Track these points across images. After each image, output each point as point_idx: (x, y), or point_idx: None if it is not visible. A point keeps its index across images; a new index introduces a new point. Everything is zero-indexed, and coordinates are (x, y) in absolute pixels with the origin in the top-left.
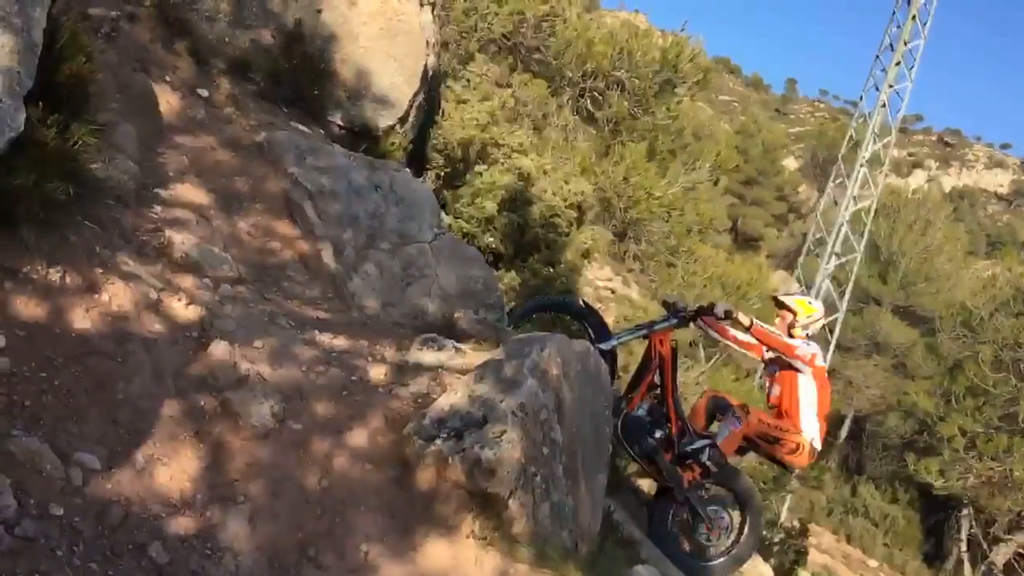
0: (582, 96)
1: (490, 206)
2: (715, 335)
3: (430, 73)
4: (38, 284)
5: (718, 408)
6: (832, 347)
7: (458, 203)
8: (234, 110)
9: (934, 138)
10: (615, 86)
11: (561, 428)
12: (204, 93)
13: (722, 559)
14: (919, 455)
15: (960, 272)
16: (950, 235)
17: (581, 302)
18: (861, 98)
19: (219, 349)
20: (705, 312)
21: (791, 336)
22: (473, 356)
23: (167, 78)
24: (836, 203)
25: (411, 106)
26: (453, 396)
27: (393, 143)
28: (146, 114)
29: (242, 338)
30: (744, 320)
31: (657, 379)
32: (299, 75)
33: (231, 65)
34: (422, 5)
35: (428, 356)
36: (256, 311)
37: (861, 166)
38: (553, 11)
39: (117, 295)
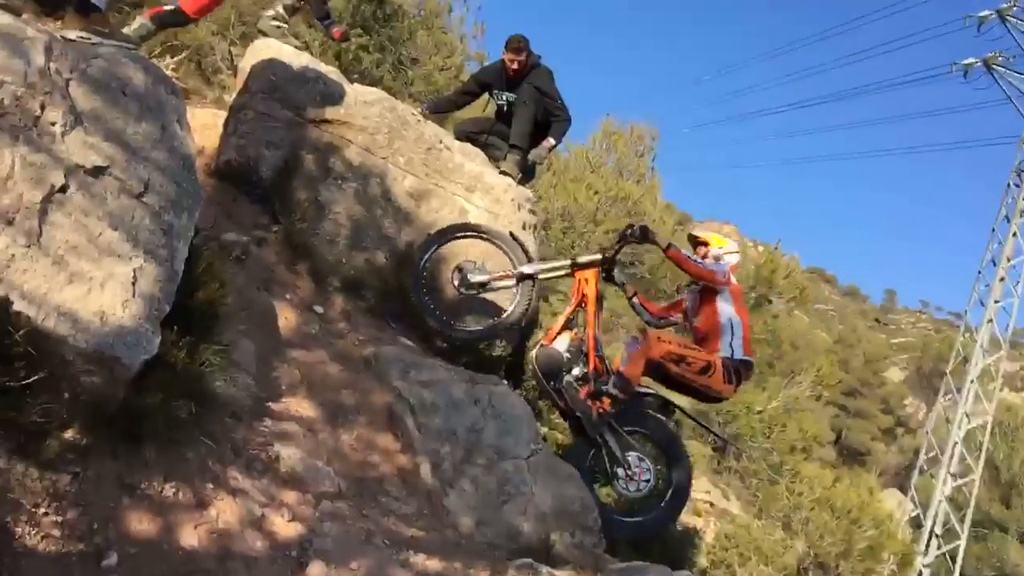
0: None
1: None
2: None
3: None
4: (153, 500)
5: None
6: None
7: (554, 414)
8: (346, 325)
9: None
10: None
11: None
12: (320, 310)
13: (641, 518)
14: None
15: None
16: None
17: (509, 232)
18: (966, 312)
19: (316, 570)
20: (625, 240)
21: None
22: None
23: (287, 296)
24: (948, 420)
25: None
26: None
27: (492, 356)
28: (266, 330)
29: (338, 558)
30: (662, 242)
31: (580, 319)
32: (407, 293)
33: (346, 283)
34: (524, 228)
35: None
36: (354, 529)
37: (972, 382)
38: None
39: (224, 511)
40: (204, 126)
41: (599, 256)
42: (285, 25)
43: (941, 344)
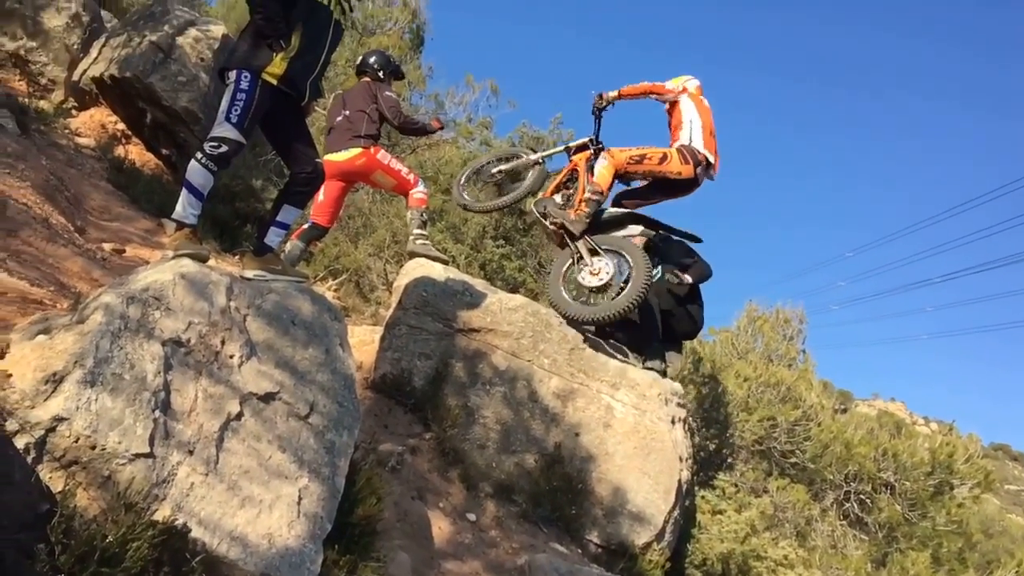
0: (847, 500)
1: None
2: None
3: (684, 487)
4: None
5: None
6: None
7: None
8: (498, 532)
9: None
10: (883, 488)
11: None
12: (472, 517)
13: (597, 306)
14: None
15: None
16: None
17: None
18: None
19: None
20: (597, 114)
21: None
22: None
23: (440, 504)
24: None
25: (667, 522)
26: None
27: (650, 561)
28: (420, 541)
29: None
30: (613, 95)
31: (572, 186)
32: (558, 495)
33: (497, 489)
34: (673, 423)
35: None
36: None
37: None
38: (805, 415)
39: None
40: (362, 342)
41: (586, 140)
42: (428, 241)
43: None
